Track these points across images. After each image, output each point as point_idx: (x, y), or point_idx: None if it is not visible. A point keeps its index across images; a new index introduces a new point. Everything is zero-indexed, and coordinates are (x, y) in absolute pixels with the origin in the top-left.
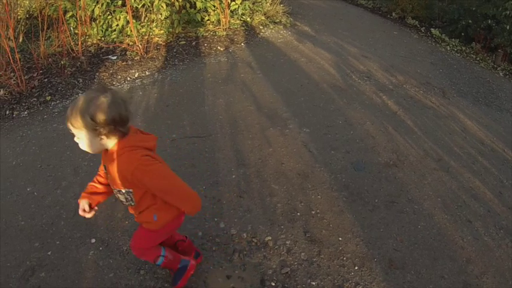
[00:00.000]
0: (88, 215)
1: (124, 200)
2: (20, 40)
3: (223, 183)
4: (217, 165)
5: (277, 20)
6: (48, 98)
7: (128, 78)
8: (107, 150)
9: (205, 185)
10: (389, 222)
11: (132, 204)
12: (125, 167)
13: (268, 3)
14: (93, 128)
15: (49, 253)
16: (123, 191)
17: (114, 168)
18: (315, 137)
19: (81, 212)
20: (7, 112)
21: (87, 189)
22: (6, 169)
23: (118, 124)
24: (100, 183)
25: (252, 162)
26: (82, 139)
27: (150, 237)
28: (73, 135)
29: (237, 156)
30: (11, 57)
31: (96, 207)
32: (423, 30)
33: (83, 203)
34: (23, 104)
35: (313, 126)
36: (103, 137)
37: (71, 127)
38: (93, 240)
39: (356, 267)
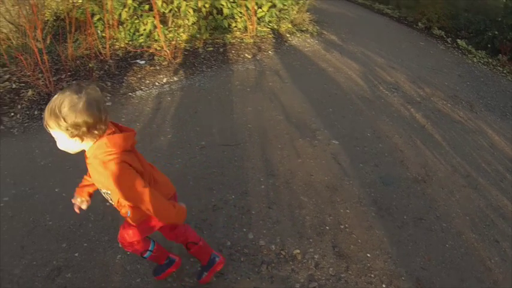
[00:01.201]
0: (83, 207)
1: (106, 198)
2: (48, 42)
3: (252, 193)
4: (246, 175)
5: (304, 28)
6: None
7: (156, 84)
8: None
9: (235, 195)
10: (418, 240)
11: (112, 203)
12: (101, 171)
13: (294, 11)
14: (66, 129)
15: (76, 254)
16: (103, 191)
17: (92, 170)
18: (344, 149)
19: (76, 210)
20: (35, 112)
21: (81, 182)
22: (35, 169)
23: (92, 127)
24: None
25: (281, 173)
26: (58, 139)
27: (131, 232)
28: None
29: (266, 166)
30: (39, 58)
31: (89, 199)
32: (449, 41)
33: (78, 201)
34: None
35: (342, 138)
36: (77, 138)
37: (47, 127)
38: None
39: (383, 285)
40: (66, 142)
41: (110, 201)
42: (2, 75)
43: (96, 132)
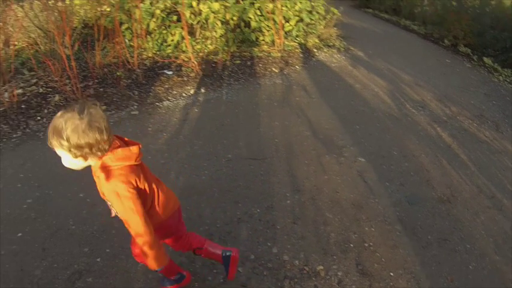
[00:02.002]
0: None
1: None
2: (76, 48)
3: (277, 208)
4: (272, 189)
5: (331, 44)
6: (104, 107)
7: (184, 95)
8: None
9: (260, 209)
10: (441, 261)
11: (117, 214)
12: (105, 186)
13: (322, 26)
14: (69, 150)
15: (98, 259)
16: (108, 203)
17: (98, 183)
18: (370, 167)
19: (113, 214)
20: None
21: None
22: (60, 173)
23: (94, 147)
24: None
25: (307, 188)
26: (62, 157)
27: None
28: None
29: (292, 182)
30: (67, 64)
31: None
32: (476, 59)
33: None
34: None
35: (368, 155)
36: (80, 158)
37: (50, 146)
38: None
39: None
40: (70, 161)
41: (116, 214)
42: (30, 79)
43: (99, 152)
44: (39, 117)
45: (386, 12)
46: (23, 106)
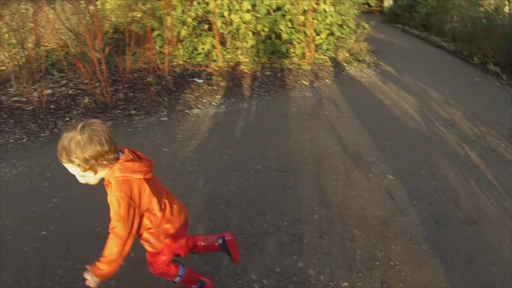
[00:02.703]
0: None
1: None
2: (106, 52)
3: (305, 222)
4: (300, 203)
5: (361, 58)
6: (133, 112)
7: (213, 103)
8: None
9: (287, 221)
10: (466, 283)
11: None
12: (110, 194)
13: (352, 40)
14: (78, 164)
15: (122, 263)
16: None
17: (107, 192)
18: (399, 185)
19: None
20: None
21: None
22: None
23: (100, 158)
24: None
25: (335, 203)
26: (76, 175)
27: (157, 262)
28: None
29: (320, 196)
30: (97, 68)
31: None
32: (505, 78)
33: None
34: (107, 114)
35: (397, 173)
36: (90, 171)
37: (61, 162)
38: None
39: None
40: (82, 175)
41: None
42: (59, 80)
43: (105, 162)
44: (67, 118)
45: (415, 28)
46: (52, 106)
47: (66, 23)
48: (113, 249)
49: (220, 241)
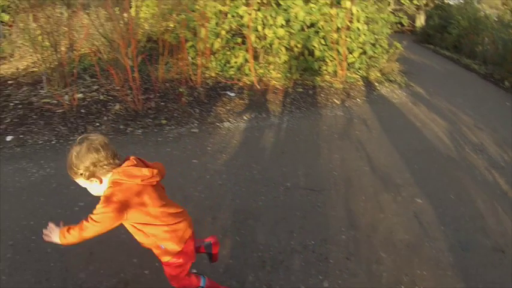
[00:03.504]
0: None
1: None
2: (139, 60)
3: (332, 242)
4: (328, 222)
5: (392, 78)
6: (164, 121)
7: (245, 118)
8: None
9: (314, 240)
10: None
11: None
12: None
13: (384, 60)
14: (81, 174)
15: (146, 272)
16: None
17: None
18: (427, 209)
19: None
20: (121, 127)
21: None
22: None
23: (99, 164)
24: None
25: (363, 225)
26: (87, 188)
27: (176, 271)
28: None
29: (348, 217)
30: (130, 75)
31: None
32: None
33: None
34: (138, 122)
35: (425, 197)
36: (93, 179)
37: (72, 179)
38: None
39: None
40: (91, 186)
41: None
42: (91, 85)
43: (106, 167)
44: (98, 124)
45: (447, 49)
46: (82, 111)
47: (99, 28)
48: (79, 234)
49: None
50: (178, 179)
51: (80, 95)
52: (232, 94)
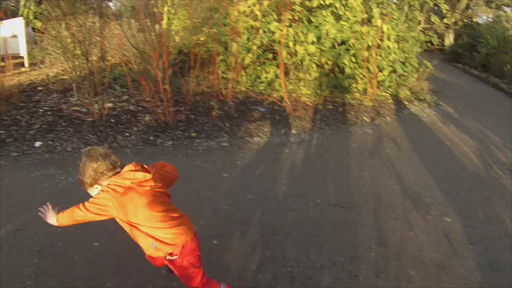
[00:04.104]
0: None
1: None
2: (170, 73)
3: (361, 259)
4: (357, 240)
5: (422, 97)
6: (194, 134)
7: (275, 133)
8: None
9: (344, 258)
10: None
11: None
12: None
13: (414, 78)
14: (86, 182)
15: (175, 284)
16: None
17: None
18: (456, 228)
19: None
20: (151, 138)
21: None
22: None
23: (99, 171)
24: None
25: (392, 243)
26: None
27: (184, 269)
28: None
29: (378, 234)
30: (161, 87)
31: None
32: None
33: None
34: (168, 134)
35: (454, 216)
36: (95, 185)
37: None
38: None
39: None
40: (95, 193)
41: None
42: (121, 95)
43: (106, 174)
44: (127, 134)
45: (475, 68)
46: (112, 120)
47: (131, 39)
48: (71, 217)
49: None
50: (208, 192)
51: (110, 105)
52: (263, 109)
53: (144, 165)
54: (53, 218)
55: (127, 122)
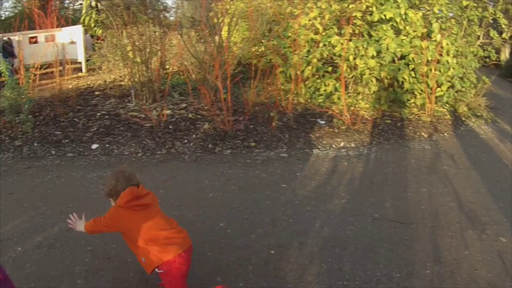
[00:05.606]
0: None
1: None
2: (232, 83)
3: (417, 276)
4: (414, 256)
5: (479, 114)
6: (253, 144)
7: (333, 146)
8: None
9: (400, 273)
10: None
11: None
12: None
13: (471, 94)
14: (107, 193)
15: None
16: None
17: None
18: (510, 248)
19: None
20: (209, 145)
21: None
22: (203, 198)
23: (112, 190)
24: None
25: (448, 261)
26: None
27: (166, 281)
28: None
29: (434, 252)
30: (222, 96)
31: None
32: None
33: None
34: (227, 142)
35: (509, 236)
36: (110, 199)
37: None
38: None
39: None
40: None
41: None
42: (179, 103)
43: (117, 189)
44: (186, 140)
45: None
46: (170, 127)
47: (191, 49)
48: (94, 227)
49: None
50: (267, 202)
51: (169, 112)
52: (323, 122)
53: (142, 188)
54: (81, 226)
55: (185, 129)
